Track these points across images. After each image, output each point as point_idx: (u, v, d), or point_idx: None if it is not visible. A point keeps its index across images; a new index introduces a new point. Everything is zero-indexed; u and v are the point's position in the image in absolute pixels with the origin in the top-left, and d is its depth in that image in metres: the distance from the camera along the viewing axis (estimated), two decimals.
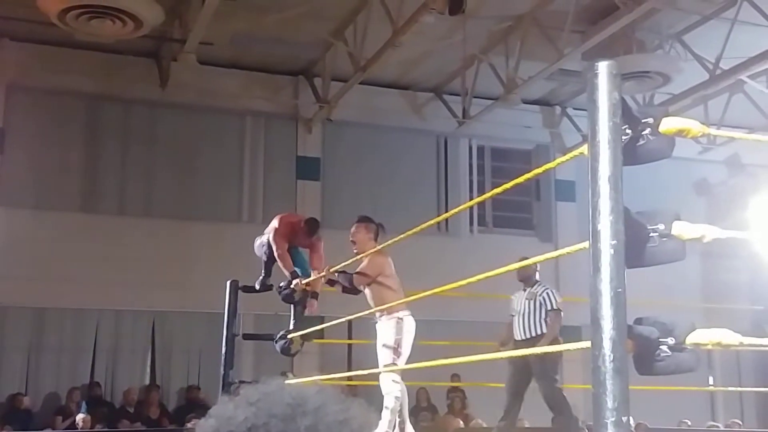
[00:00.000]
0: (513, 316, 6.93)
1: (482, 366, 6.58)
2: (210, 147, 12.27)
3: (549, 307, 6.69)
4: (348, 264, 6.09)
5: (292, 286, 7.00)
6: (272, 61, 12.24)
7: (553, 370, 6.38)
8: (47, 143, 11.52)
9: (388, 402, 5.72)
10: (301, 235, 7.25)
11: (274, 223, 7.32)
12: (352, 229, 6.39)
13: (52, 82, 11.42)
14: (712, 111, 12.57)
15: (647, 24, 10.94)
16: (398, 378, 5.79)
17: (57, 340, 11.22)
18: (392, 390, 5.75)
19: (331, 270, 6.20)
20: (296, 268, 7.11)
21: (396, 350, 5.86)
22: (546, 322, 6.67)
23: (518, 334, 6.75)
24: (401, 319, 5.92)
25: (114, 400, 11.23)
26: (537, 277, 6.94)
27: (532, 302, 6.77)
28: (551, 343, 5.86)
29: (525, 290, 6.93)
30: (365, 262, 6.10)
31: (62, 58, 11.41)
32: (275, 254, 7.13)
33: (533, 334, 6.63)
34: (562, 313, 6.65)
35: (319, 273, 6.66)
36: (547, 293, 6.75)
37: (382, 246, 5.80)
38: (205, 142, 12.26)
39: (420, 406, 11.59)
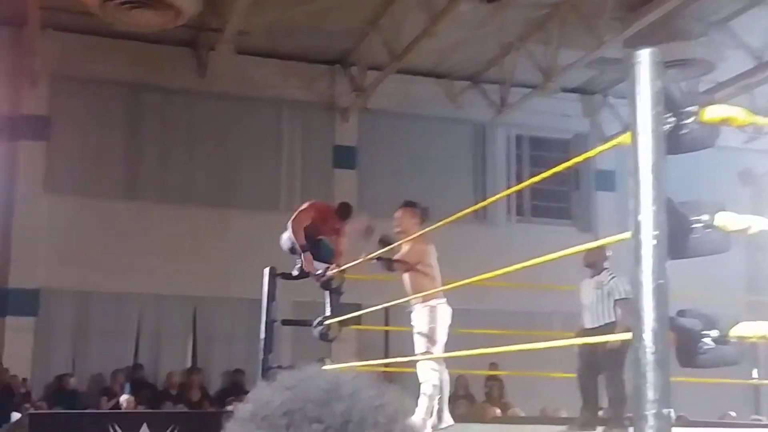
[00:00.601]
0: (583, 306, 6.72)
1: (519, 356, 6.55)
2: (248, 136, 12.33)
3: (618, 296, 6.46)
4: (387, 251, 6.09)
5: (328, 273, 7.01)
6: (308, 50, 12.26)
7: (621, 360, 6.16)
8: (90, 131, 11.68)
9: (426, 389, 5.72)
10: (331, 221, 7.24)
11: (297, 212, 7.35)
12: (398, 214, 6.36)
13: (94, 72, 11.56)
14: (758, 99, 12.32)
15: (690, 10, 10.75)
16: (436, 365, 5.78)
17: (102, 324, 11.41)
18: (430, 378, 5.75)
19: (368, 257, 6.20)
20: (316, 251, 7.13)
21: (430, 338, 5.86)
22: (615, 311, 6.45)
23: (587, 323, 6.59)
24: (434, 307, 5.92)
25: (157, 383, 11.41)
26: (606, 264, 6.66)
27: (599, 291, 6.57)
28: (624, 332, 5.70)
29: (592, 278, 6.70)
30: (405, 248, 6.09)
31: (103, 48, 11.54)
32: (291, 234, 7.13)
33: (601, 323, 6.45)
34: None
35: (340, 255, 6.78)
36: (615, 281, 6.52)
37: (422, 232, 5.80)
38: (242, 131, 12.33)
39: (458, 394, 11.59)
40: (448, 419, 5.77)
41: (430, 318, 5.92)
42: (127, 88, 11.91)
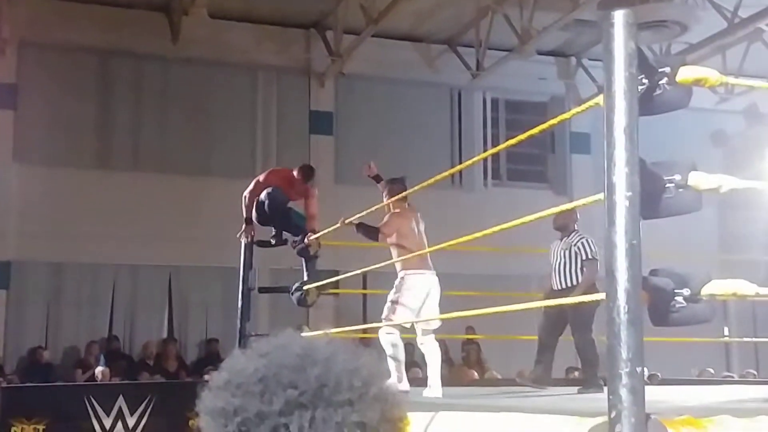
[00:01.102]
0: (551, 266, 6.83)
1: (496, 318, 6.61)
2: (222, 102, 12.24)
3: (584, 257, 6.56)
4: (363, 216, 6.13)
5: (305, 241, 7.04)
6: (284, 14, 12.14)
7: (588, 320, 6.27)
8: (60, 99, 11.52)
9: (388, 352, 5.90)
10: (297, 185, 7.26)
11: (253, 182, 7.36)
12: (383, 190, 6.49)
13: (64, 38, 11.38)
14: (730, 60, 12.38)
15: None
16: (392, 330, 5.95)
17: (75, 295, 11.37)
18: (385, 341, 5.93)
19: (346, 222, 6.25)
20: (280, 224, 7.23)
21: (392, 306, 6.01)
22: (582, 271, 6.56)
23: (554, 284, 6.69)
24: (403, 278, 6.06)
25: (132, 354, 11.40)
26: (575, 226, 6.76)
27: (567, 252, 6.66)
28: (586, 292, 5.79)
29: (561, 240, 6.81)
30: (384, 219, 6.17)
31: (73, 13, 11.35)
32: (244, 205, 7.22)
33: (568, 285, 6.54)
34: (598, 263, 6.48)
35: (314, 218, 6.93)
36: (582, 242, 6.61)
37: (398, 197, 5.86)
38: (217, 97, 12.23)
39: None
40: (404, 385, 5.89)
41: (396, 287, 6.07)
42: (97, 54, 11.75)
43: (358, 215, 6.18)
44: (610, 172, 2.19)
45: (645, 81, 2.31)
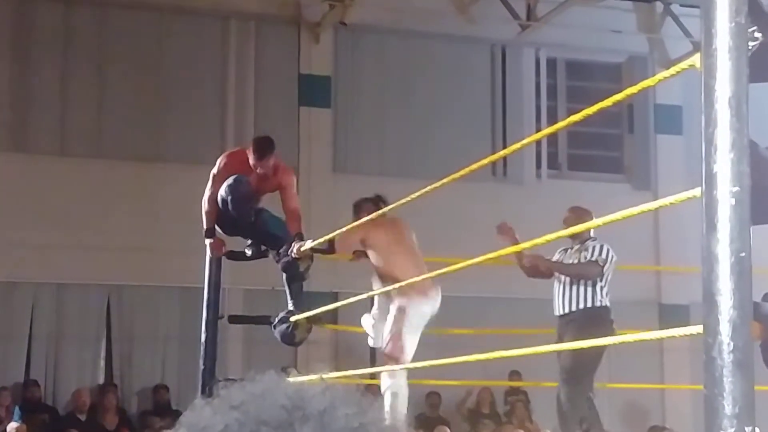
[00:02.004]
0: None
1: (546, 360, 6.61)
2: (181, 62, 12.28)
3: (587, 258, 6.77)
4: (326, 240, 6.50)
5: (292, 252, 7.00)
6: None
7: (584, 366, 6.49)
8: None
9: (386, 401, 6.20)
10: (261, 170, 6.94)
11: (210, 178, 7.25)
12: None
13: None
14: None
15: None
16: (397, 375, 6.29)
17: None
18: (385, 385, 6.31)
19: (301, 250, 6.61)
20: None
21: (395, 341, 6.39)
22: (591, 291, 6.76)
23: (557, 308, 6.84)
24: (402, 307, 6.40)
25: (58, 405, 11.44)
26: (591, 232, 6.92)
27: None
28: (582, 321, 6.06)
29: (572, 248, 6.96)
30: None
31: None
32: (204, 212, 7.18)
33: (572, 308, 6.71)
34: (601, 269, 6.71)
35: (295, 216, 6.99)
36: (595, 247, 6.80)
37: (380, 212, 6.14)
38: (174, 56, 12.27)
39: (480, 412, 11.72)
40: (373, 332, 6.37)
41: (395, 317, 6.42)
42: None
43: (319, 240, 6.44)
44: (709, 158, 2.19)
45: (757, 35, 2.31)
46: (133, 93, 12.12)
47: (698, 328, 2.23)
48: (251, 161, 6.95)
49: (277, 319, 7.16)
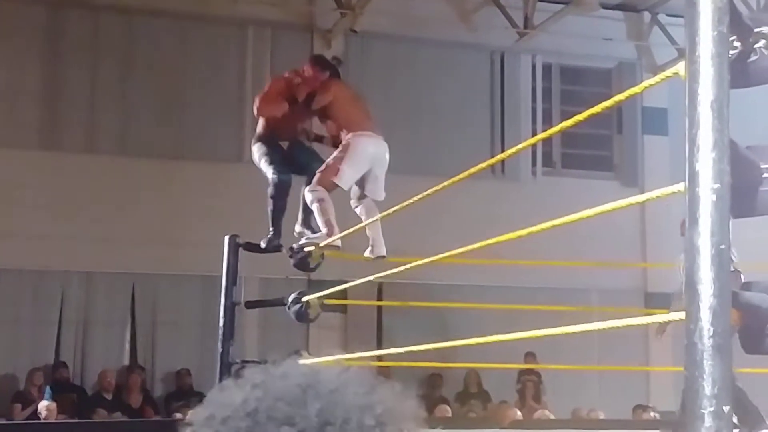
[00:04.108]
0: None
1: (552, 344, 6.61)
2: (202, 67, 12.27)
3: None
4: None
5: (305, 249, 7.04)
6: None
7: None
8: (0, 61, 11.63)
9: (314, 208, 6.86)
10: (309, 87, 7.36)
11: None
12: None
13: None
14: None
15: None
16: (317, 188, 6.85)
17: (12, 311, 11.41)
18: (311, 198, 6.87)
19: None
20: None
21: (333, 165, 6.92)
22: None
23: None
24: (348, 142, 6.98)
25: (85, 385, 11.45)
26: None
27: None
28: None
29: None
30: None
31: None
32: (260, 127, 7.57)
33: None
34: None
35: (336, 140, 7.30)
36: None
37: None
38: (195, 61, 12.27)
39: (468, 392, 11.71)
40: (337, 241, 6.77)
41: (340, 149, 7.01)
42: (46, 5, 11.82)
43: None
44: (692, 157, 2.20)
45: (737, 44, 2.32)
46: (157, 95, 12.13)
47: (681, 315, 2.24)
48: (307, 74, 7.45)
49: (290, 300, 7.18)
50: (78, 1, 11.84)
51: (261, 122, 7.59)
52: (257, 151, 7.49)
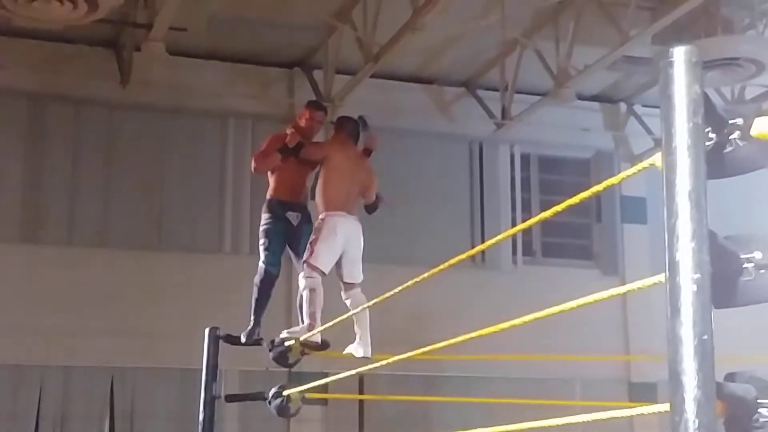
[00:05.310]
0: None
1: None
2: (183, 158, 12.33)
3: None
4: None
5: (285, 343, 7.02)
6: (261, 51, 12.31)
7: None
8: None
9: (305, 296, 6.97)
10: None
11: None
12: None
13: None
14: None
15: None
16: (312, 273, 6.99)
17: None
18: (304, 285, 7.01)
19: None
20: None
21: (310, 248, 7.06)
22: None
23: None
24: (323, 219, 7.16)
25: None
26: None
27: None
28: None
29: None
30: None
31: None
32: (262, 159, 7.67)
33: None
34: None
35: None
36: None
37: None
38: (176, 152, 12.32)
39: None
40: (317, 336, 6.87)
41: (315, 229, 7.17)
42: (28, 98, 11.89)
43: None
44: (672, 247, 2.20)
45: (713, 135, 2.34)
46: (137, 186, 12.15)
47: (665, 406, 2.21)
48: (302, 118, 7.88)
49: (271, 394, 7.13)
50: (59, 94, 11.91)
51: (270, 185, 7.59)
52: (263, 223, 7.56)
